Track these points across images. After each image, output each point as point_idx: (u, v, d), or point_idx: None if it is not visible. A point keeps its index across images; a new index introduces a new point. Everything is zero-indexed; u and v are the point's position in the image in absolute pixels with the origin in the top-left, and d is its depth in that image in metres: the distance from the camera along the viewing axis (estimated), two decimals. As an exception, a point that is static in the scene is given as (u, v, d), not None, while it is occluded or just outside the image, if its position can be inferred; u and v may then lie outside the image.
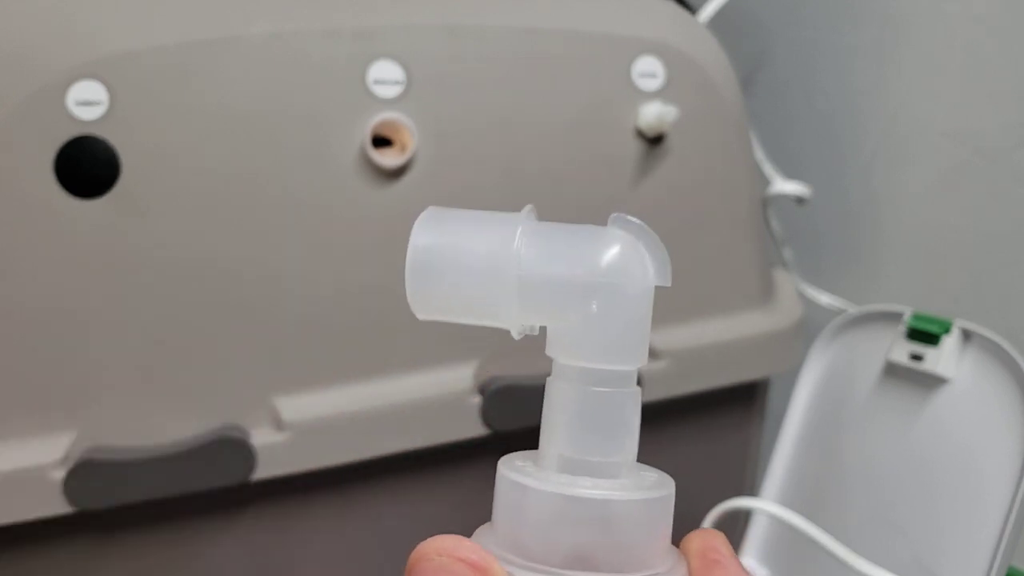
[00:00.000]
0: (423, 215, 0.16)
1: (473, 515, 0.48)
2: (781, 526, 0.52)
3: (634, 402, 0.15)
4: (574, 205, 0.42)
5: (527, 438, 0.43)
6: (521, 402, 0.40)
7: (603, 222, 0.47)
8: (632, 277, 0.14)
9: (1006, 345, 0.43)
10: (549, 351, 0.15)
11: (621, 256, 0.15)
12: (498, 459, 0.48)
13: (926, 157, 0.56)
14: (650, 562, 0.14)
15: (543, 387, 0.42)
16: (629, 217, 0.15)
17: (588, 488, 0.14)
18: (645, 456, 0.54)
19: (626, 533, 0.14)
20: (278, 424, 0.37)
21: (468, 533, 0.19)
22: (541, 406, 0.41)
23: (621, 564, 0.14)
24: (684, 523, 0.48)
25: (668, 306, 0.45)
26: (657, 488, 0.15)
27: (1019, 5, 0.50)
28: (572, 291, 0.14)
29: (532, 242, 0.15)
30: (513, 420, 0.40)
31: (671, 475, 0.48)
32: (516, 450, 0.47)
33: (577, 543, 0.14)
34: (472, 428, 0.40)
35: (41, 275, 0.34)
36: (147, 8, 0.35)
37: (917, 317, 0.47)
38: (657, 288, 0.19)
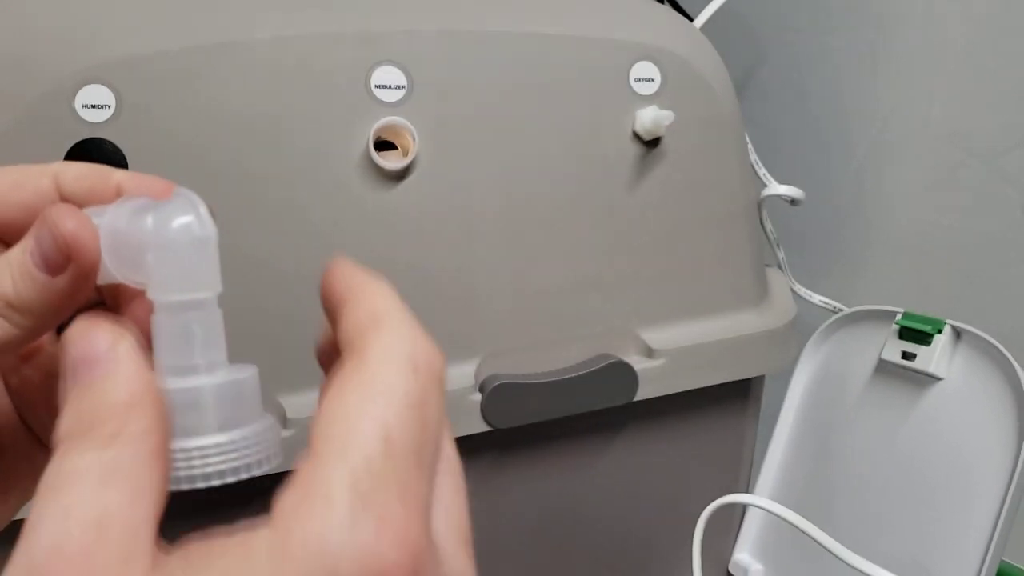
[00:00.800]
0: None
1: (474, 507, 0.48)
2: (775, 521, 0.53)
3: (206, 319, 0.20)
4: (572, 206, 0.42)
5: (526, 434, 0.43)
6: (519, 399, 0.41)
7: (602, 222, 0.47)
8: (176, 231, 0.19)
9: (997, 344, 0.44)
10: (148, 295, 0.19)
11: (165, 219, 0.19)
12: (498, 454, 0.49)
13: (918, 159, 0.57)
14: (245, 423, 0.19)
15: (541, 385, 0.43)
16: (183, 190, 0.20)
17: (179, 383, 0.18)
18: (643, 452, 0.55)
19: (218, 409, 0.19)
20: (283, 422, 0.37)
21: (470, 527, 0.20)
22: (539, 403, 0.42)
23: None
24: (681, 518, 0.48)
25: (664, 305, 0.46)
26: (238, 372, 0.20)
27: (1010, 8, 0.51)
28: (137, 250, 0.19)
29: (111, 220, 0.19)
30: (512, 417, 0.41)
31: (668, 472, 0.50)
32: (515, 446, 0.48)
33: (182, 426, 0.18)
34: (473, 425, 0.41)
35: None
36: (152, 13, 0.36)
37: (909, 316, 0.48)
38: (655, 288, 0.23)
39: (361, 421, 0.15)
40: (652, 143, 0.44)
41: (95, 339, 0.16)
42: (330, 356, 0.21)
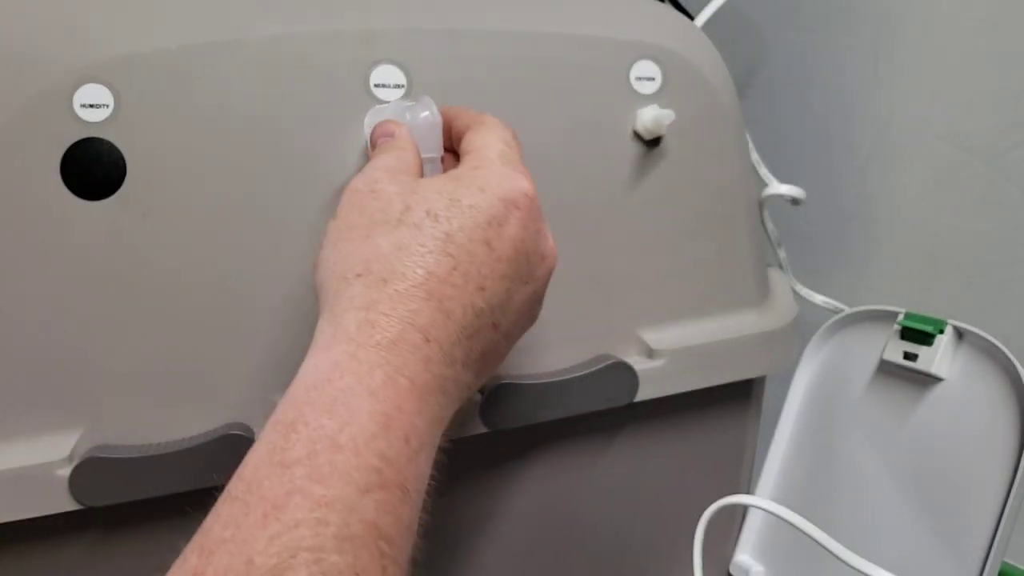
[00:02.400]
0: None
1: (473, 509, 0.48)
2: (776, 523, 0.53)
3: (434, 166, 0.35)
4: (572, 206, 0.42)
5: (526, 435, 0.43)
6: (519, 400, 0.41)
7: (602, 222, 0.47)
8: (424, 112, 0.35)
9: (1000, 344, 0.44)
10: None
11: (416, 103, 0.35)
12: (496, 455, 0.49)
13: (921, 159, 0.57)
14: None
15: (541, 386, 0.43)
16: (425, 98, 0.36)
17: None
18: (643, 453, 0.54)
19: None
20: (281, 422, 0.37)
21: (466, 530, 0.21)
22: (539, 404, 0.42)
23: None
24: (681, 519, 0.48)
25: (665, 306, 0.46)
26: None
27: (1012, 8, 0.50)
28: (414, 132, 0.35)
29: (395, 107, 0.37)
30: (511, 418, 0.41)
31: (669, 473, 0.50)
32: (515, 448, 0.48)
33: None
34: (472, 426, 0.40)
35: (48, 275, 0.34)
36: (151, 12, 0.36)
37: (911, 317, 0.48)
38: (656, 288, 0.45)
39: (492, 140, 0.32)
40: (653, 142, 0.44)
41: (392, 126, 0.35)
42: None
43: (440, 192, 0.29)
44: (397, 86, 0.38)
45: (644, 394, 0.44)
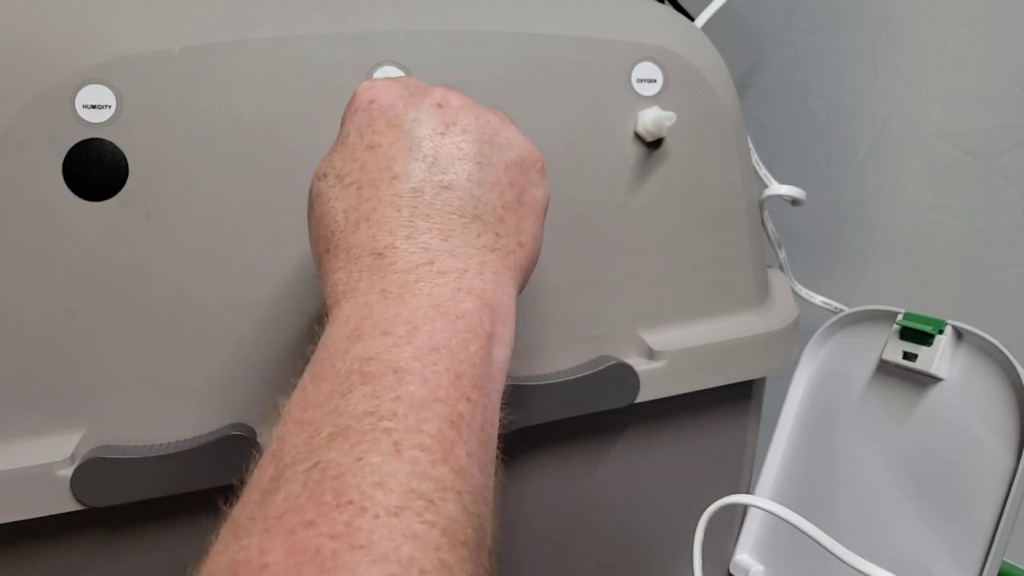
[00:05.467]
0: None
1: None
2: (776, 522, 0.53)
3: None
4: (573, 207, 0.42)
5: (526, 436, 0.43)
6: (520, 402, 0.41)
7: (603, 224, 0.47)
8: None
9: (999, 344, 0.44)
10: None
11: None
12: (497, 457, 0.49)
13: (919, 159, 0.57)
14: None
15: (542, 387, 0.42)
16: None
17: None
18: (644, 454, 0.54)
19: None
20: (283, 423, 0.37)
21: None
22: (540, 406, 0.42)
23: None
24: (681, 519, 0.48)
25: (666, 307, 0.46)
26: None
27: (1010, 8, 0.51)
28: None
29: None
30: (513, 419, 0.41)
31: (669, 473, 0.50)
32: (515, 449, 0.48)
33: None
34: (473, 427, 0.40)
35: (50, 276, 0.34)
36: (153, 13, 0.36)
37: (910, 317, 0.48)
38: (657, 289, 0.45)
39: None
40: (654, 144, 0.44)
41: None
42: None
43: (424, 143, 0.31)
44: (399, 87, 0.38)
45: (645, 395, 0.44)
